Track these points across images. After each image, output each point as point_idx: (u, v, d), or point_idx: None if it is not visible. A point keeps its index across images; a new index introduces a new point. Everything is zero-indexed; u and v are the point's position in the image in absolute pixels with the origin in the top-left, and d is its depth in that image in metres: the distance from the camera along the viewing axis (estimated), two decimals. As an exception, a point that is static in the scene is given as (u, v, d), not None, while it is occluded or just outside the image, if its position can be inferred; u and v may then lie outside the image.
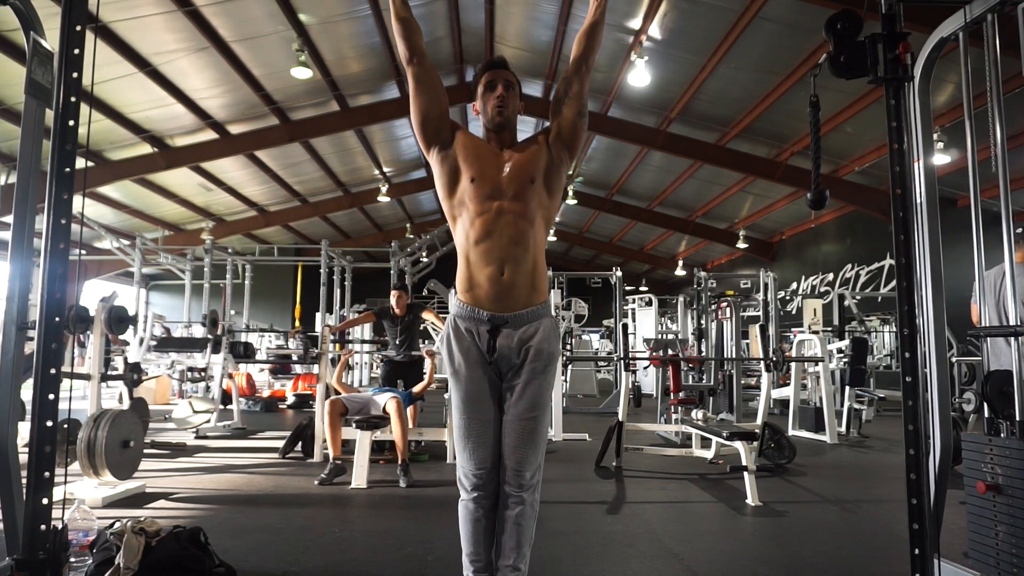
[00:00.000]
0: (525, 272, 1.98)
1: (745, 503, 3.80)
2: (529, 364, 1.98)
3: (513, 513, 1.98)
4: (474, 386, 1.99)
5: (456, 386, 2.02)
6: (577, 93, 2.08)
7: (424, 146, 2.09)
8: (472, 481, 2.00)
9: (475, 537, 2.02)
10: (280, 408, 9.76)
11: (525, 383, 1.99)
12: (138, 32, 8.30)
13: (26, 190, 2.12)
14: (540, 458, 2.02)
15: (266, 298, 18.43)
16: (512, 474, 1.97)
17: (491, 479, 2.00)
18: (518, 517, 1.98)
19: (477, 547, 2.02)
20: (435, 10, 9.79)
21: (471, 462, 2.00)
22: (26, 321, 2.05)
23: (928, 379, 2.31)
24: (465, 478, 2.02)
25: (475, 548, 2.02)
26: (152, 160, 11.54)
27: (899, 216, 2.03)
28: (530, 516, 2.01)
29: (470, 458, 2.00)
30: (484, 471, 1.99)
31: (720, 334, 8.33)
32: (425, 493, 4.05)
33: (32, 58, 2.05)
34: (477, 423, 1.99)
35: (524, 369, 1.99)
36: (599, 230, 20.75)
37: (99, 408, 4.10)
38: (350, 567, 2.67)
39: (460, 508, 2.05)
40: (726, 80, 9.60)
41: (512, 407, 1.99)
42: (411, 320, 5.71)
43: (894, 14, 2.08)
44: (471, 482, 2.00)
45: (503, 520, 2.00)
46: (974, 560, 2.24)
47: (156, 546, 2.38)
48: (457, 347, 2.01)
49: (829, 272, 14.87)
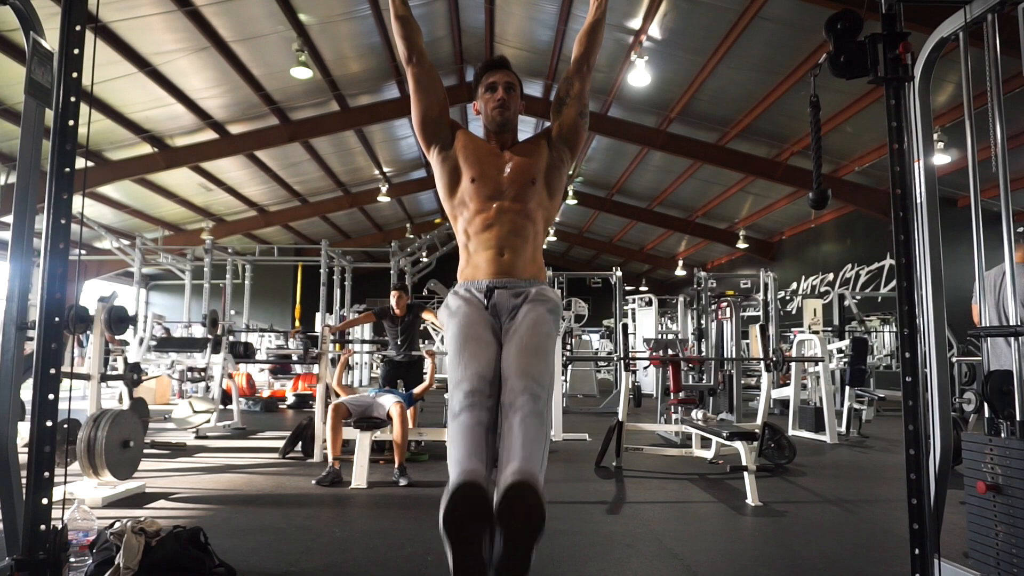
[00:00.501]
0: (524, 257, 1.98)
1: (745, 503, 3.80)
2: (529, 301, 1.92)
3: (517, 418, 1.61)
4: (471, 315, 1.90)
5: (452, 321, 1.91)
6: (578, 93, 2.08)
7: (424, 146, 2.09)
8: (465, 388, 1.68)
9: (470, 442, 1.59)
10: (280, 408, 9.76)
11: (526, 312, 1.88)
12: (138, 32, 8.30)
13: (26, 190, 2.12)
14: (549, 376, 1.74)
15: (266, 298, 18.43)
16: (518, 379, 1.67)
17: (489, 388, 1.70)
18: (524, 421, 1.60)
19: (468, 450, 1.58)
20: (435, 10, 9.79)
21: (465, 370, 1.71)
22: (26, 321, 2.05)
23: (928, 379, 2.31)
24: (457, 388, 1.70)
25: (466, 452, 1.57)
26: (152, 160, 11.54)
27: (899, 216, 2.03)
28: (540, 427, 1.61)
29: (464, 367, 1.72)
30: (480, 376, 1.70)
31: (720, 334, 8.33)
32: (425, 493, 4.05)
33: (32, 58, 2.05)
34: (472, 342, 1.80)
35: (524, 304, 1.91)
36: (599, 230, 20.75)
37: (99, 408, 4.10)
38: (350, 567, 2.67)
39: (450, 427, 1.67)
40: (726, 80, 9.60)
41: (513, 331, 1.84)
42: (411, 320, 5.71)
43: (894, 14, 2.08)
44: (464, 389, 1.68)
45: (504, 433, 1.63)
46: (974, 560, 2.24)
47: (156, 546, 2.37)
48: (454, 299, 1.99)
49: (829, 272, 14.87)
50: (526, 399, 1.63)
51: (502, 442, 1.62)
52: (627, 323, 12.49)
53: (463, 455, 1.56)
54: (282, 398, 10.19)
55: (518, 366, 1.71)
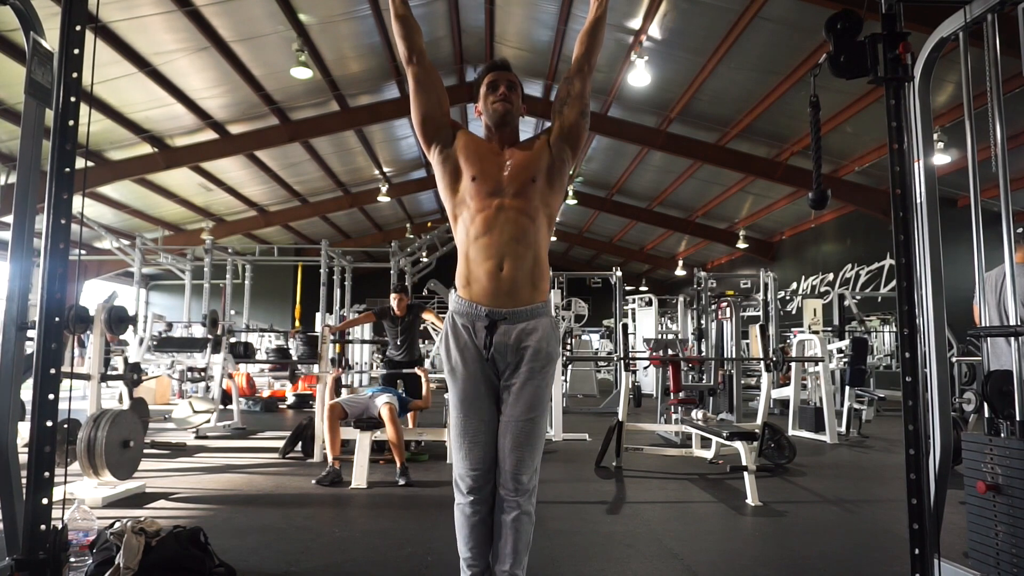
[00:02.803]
0: (525, 269, 1.95)
1: (745, 503, 3.80)
2: (527, 364, 1.95)
3: (510, 518, 1.95)
4: (471, 385, 1.97)
5: (453, 385, 2.00)
6: (579, 93, 2.08)
7: (425, 146, 2.09)
8: (467, 483, 1.97)
9: (472, 541, 1.98)
10: (280, 408, 9.76)
11: (523, 383, 1.95)
12: (138, 32, 8.30)
13: (26, 190, 2.12)
14: (537, 461, 1.99)
15: (266, 298, 18.43)
16: (509, 477, 1.94)
17: (487, 481, 1.97)
18: (515, 522, 1.94)
19: (474, 551, 1.98)
20: (435, 10, 9.79)
21: (466, 462, 1.97)
22: (26, 321, 2.05)
23: (928, 379, 2.31)
24: (461, 480, 1.99)
25: (472, 552, 1.98)
26: (152, 160, 11.54)
27: (899, 216, 2.03)
28: (527, 522, 1.97)
29: (465, 458, 1.97)
30: (479, 472, 1.96)
31: (720, 334, 8.32)
32: (425, 493, 4.05)
33: (32, 58, 2.05)
34: (473, 422, 1.97)
35: (522, 369, 1.96)
36: (599, 230, 20.75)
37: (99, 408, 4.10)
38: (350, 567, 2.67)
39: (456, 512, 2.01)
40: (726, 80, 9.60)
41: (509, 408, 1.96)
42: (411, 320, 5.71)
43: (894, 14, 2.08)
44: (467, 484, 1.97)
45: (500, 525, 1.97)
46: (974, 560, 2.24)
47: (156, 546, 2.38)
48: (454, 345, 1.99)
49: (829, 272, 14.87)
50: (516, 501, 1.94)
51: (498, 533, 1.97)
52: (627, 323, 12.48)
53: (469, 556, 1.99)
54: (282, 398, 10.20)
55: (511, 466, 1.94)
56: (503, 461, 1.95)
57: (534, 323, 1.97)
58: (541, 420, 1.99)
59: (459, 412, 2.00)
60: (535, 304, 1.98)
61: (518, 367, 1.96)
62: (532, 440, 1.96)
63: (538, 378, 1.97)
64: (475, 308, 1.96)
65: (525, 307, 1.96)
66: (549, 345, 1.99)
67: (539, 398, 1.97)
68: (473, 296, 1.97)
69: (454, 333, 2.00)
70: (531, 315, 1.97)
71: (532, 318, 1.97)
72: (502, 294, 1.94)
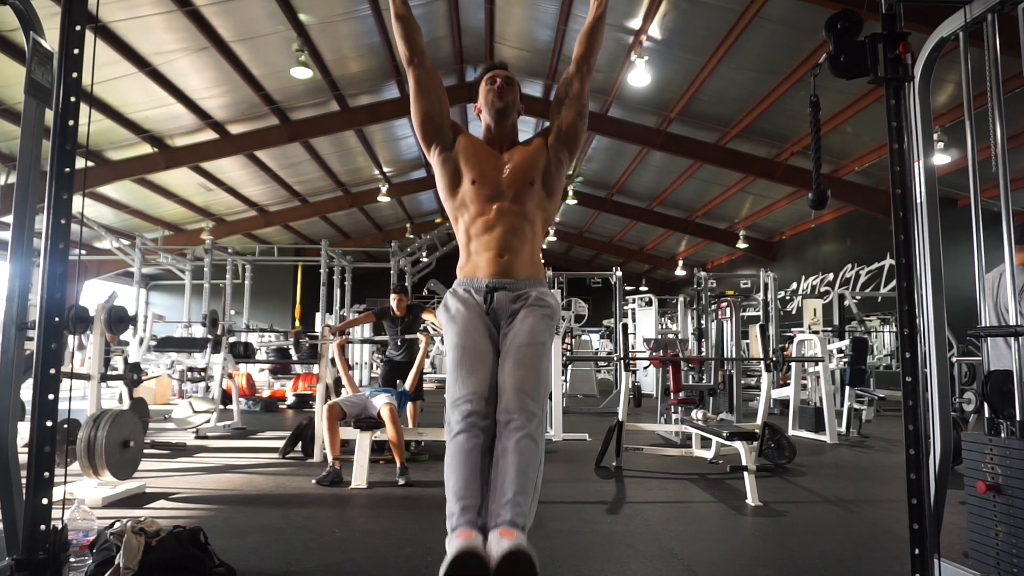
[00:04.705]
0: (523, 258, 2.00)
1: (745, 503, 3.80)
2: (528, 307, 1.94)
3: (511, 441, 1.67)
4: (471, 323, 1.91)
5: (451, 326, 1.93)
6: (578, 93, 2.09)
7: (425, 146, 2.10)
8: (463, 408, 1.72)
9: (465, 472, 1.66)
10: (280, 408, 9.76)
11: (524, 317, 1.91)
12: (138, 32, 8.30)
13: (26, 190, 2.12)
14: (543, 392, 1.79)
15: (266, 298, 18.42)
16: (511, 396, 1.72)
17: (486, 406, 1.74)
18: (518, 444, 1.66)
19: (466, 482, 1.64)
20: (435, 10, 9.79)
21: (464, 387, 1.75)
22: (26, 321, 2.05)
23: (928, 379, 2.31)
24: (455, 407, 1.75)
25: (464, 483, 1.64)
26: (152, 160, 11.54)
27: (899, 216, 2.03)
28: (532, 449, 1.67)
29: (463, 384, 1.76)
30: (477, 395, 1.74)
31: (720, 334, 8.32)
32: (425, 493, 4.05)
33: (32, 58, 2.05)
34: (470, 352, 1.83)
35: (521, 311, 1.93)
36: (599, 230, 20.74)
37: (99, 408, 4.10)
38: (350, 567, 2.67)
39: (448, 448, 1.72)
40: (726, 80, 9.60)
41: (511, 340, 1.87)
42: (411, 321, 5.71)
43: (894, 14, 2.08)
44: (462, 410, 1.72)
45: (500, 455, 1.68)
46: (974, 560, 2.24)
47: (156, 546, 2.38)
48: (454, 299, 2.00)
49: (829, 272, 14.87)
50: (521, 420, 1.69)
51: (496, 466, 1.67)
52: (627, 323, 12.48)
53: (461, 487, 1.64)
54: (282, 398, 10.19)
55: (514, 382, 1.75)
56: (504, 383, 1.76)
57: (532, 289, 1.99)
58: (545, 350, 1.85)
59: (456, 347, 1.86)
60: (533, 279, 2.01)
61: (517, 313, 1.94)
62: (536, 363, 1.80)
63: (539, 312, 1.92)
64: (475, 280, 1.99)
65: (523, 280, 1.99)
66: (550, 298, 2.00)
67: (541, 327, 1.88)
68: (473, 273, 2.01)
69: (454, 295, 2.02)
70: (528, 286, 1.99)
71: (529, 287, 1.99)
72: (501, 272, 1.98)
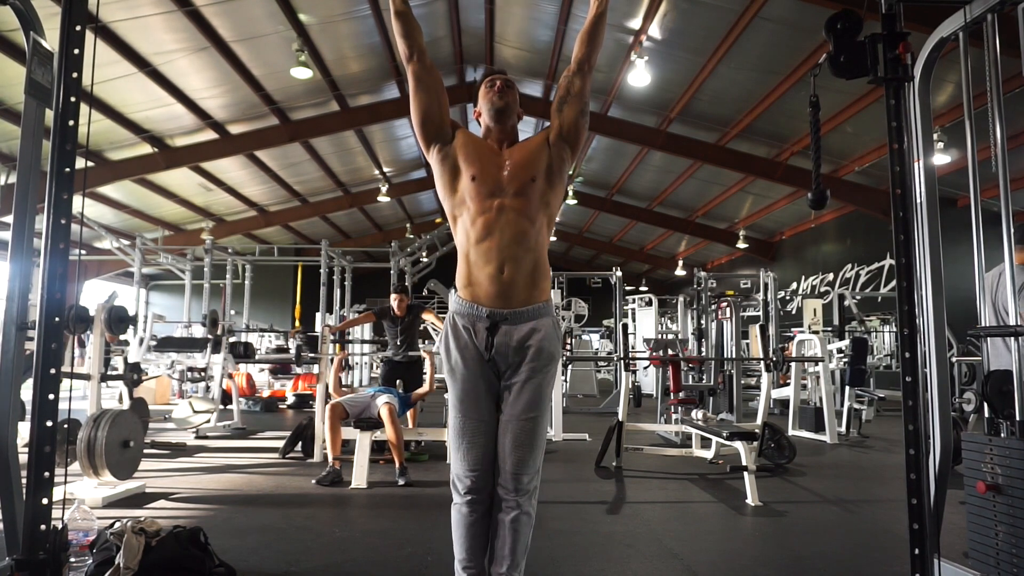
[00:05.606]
0: (525, 271, 1.94)
1: (745, 503, 3.80)
2: (528, 363, 1.93)
3: (508, 518, 1.91)
4: (470, 384, 1.95)
5: (452, 384, 1.99)
6: (579, 92, 2.08)
7: (424, 145, 2.09)
8: (465, 484, 1.94)
9: (468, 542, 1.94)
10: (280, 408, 9.76)
11: (524, 381, 1.93)
12: (138, 32, 8.30)
13: (26, 190, 2.12)
14: (538, 462, 1.95)
15: (266, 298, 18.43)
16: (509, 477, 1.90)
17: (485, 482, 1.94)
18: (514, 523, 1.91)
19: (470, 552, 1.94)
20: (435, 10, 9.79)
21: (464, 463, 1.94)
22: (26, 321, 2.05)
23: (928, 379, 2.31)
24: (459, 480, 1.96)
25: (468, 554, 1.94)
26: (152, 160, 11.54)
27: (899, 216, 2.03)
28: (526, 523, 1.93)
29: (464, 458, 1.94)
30: (478, 473, 1.92)
31: (720, 334, 8.32)
32: (425, 493, 4.05)
33: (32, 58, 2.05)
34: (472, 422, 1.94)
35: (523, 368, 1.94)
36: (599, 230, 20.74)
37: (99, 408, 4.10)
38: (350, 567, 2.67)
39: (453, 512, 1.98)
40: (726, 80, 9.60)
41: (510, 407, 1.94)
42: (411, 320, 5.71)
43: (894, 14, 2.08)
44: (464, 485, 1.94)
45: (498, 525, 1.93)
46: (974, 560, 2.24)
47: (156, 546, 2.38)
48: (454, 345, 1.97)
49: (829, 272, 14.87)
50: (516, 501, 1.91)
51: (495, 533, 1.93)
52: (627, 323, 12.49)
53: (465, 557, 1.95)
54: (282, 398, 10.19)
55: (512, 465, 1.91)
56: (503, 461, 1.92)
57: (536, 323, 1.95)
58: (542, 420, 1.97)
59: (458, 412, 1.97)
60: (537, 304, 1.97)
61: (519, 367, 1.94)
62: (533, 439, 1.93)
63: (539, 377, 1.95)
64: (476, 309, 1.95)
65: (527, 307, 1.95)
66: (551, 345, 1.97)
67: (540, 397, 1.95)
68: (474, 297, 1.95)
69: (454, 334, 1.98)
70: (533, 315, 1.96)
71: (534, 318, 1.96)
72: (503, 295, 1.93)
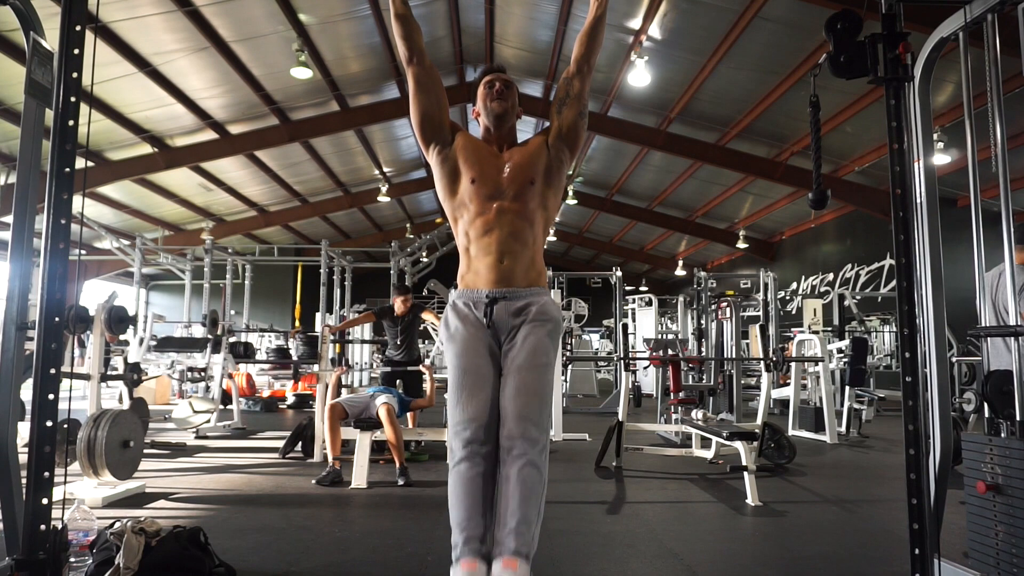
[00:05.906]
0: (523, 264, 1.98)
1: (745, 503, 3.80)
2: (529, 323, 1.90)
3: (515, 468, 1.67)
4: (470, 343, 1.90)
5: (452, 346, 1.93)
6: (578, 93, 2.09)
7: (424, 146, 2.10)
8: (464, 436, 1.74)
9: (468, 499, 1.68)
10: (280, 408, 9.76)
11: (525, 335, 1.88)
12: (138, 32, 8.30)
13: (26, 190, 2.12)
14: (545, 415, 1.79)
15: (266, 298, 18.43)
16: (514, 425, 1.72)
17: (487, 435, 1.74)
18: (521, 472, 1.67)
19: (468, 512, 1.66)
20: (435, 10, 9.79)
21: (465, 412, 1.76)
22: (26, 321, 2.05)
23: (928, 379, 2.31)
24: (457, 434, 1.76)
25: (466, 513, 1.66)
26: (152, 160, 11.54)
27: (899, 216, 2.03)
28: (535, 476, 1.68)
29: (464, 409, 1.76)
30: (479, 424, 1.74)
31: (720, 334, 8.32)
32: (425, 493, 4.05)
33: (32, 58, 2.05)
34: (471, 375, 1.82)
35: (523, 327, 1.90)
36: (599, 230, 20.75)
37: (99, 408, 4.10)
38: (350, 567, 2.67)
39: (451, 476, 1.74)
40: (726, 80, 9.60)
41: (512, 360, 1.85)
42: (411, 320, 5.71)
43: (894, 14, 2.08)
44: (463, 437, 1.73)
45: (503, 481, 1.69)
46: (974, 560, 2.24)
47: (156, 546, 2.37)
48: (454, 317, 1.98)
49: (829, 272, 14.87)
50: (523, 448, 1.70)
51: (499, 493, 1.69)
52: (627, 323, 12.49)
53: (464, 518, 1.66)
54: (282, 398, 10.20)
55: (516, 409, 1.74)
56: (506, 409, 1.75)
57: (533, 299, 1.96)
58: (547, 372, 1.84)
59: (457, 367, 1.86)
60: (534, 287, 1.99)
61: (519, 328, 1.91)
62: (539, 387, 1.78)
63: (541, 329, 1.89)
64: (476, 292, 1.97)
65: (524, 288, 1.96)
66: (551, 308, 1.96)
67: (544, 347, 1.86)
68: (474, 284, 1.98)
69: (454, 311, 2.00)
70: (530, 295, 1.97)
71: (531, 296, 1.97)
72: (502, 280, 1.95)
